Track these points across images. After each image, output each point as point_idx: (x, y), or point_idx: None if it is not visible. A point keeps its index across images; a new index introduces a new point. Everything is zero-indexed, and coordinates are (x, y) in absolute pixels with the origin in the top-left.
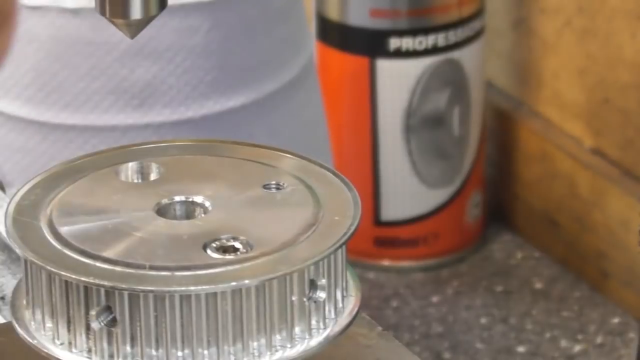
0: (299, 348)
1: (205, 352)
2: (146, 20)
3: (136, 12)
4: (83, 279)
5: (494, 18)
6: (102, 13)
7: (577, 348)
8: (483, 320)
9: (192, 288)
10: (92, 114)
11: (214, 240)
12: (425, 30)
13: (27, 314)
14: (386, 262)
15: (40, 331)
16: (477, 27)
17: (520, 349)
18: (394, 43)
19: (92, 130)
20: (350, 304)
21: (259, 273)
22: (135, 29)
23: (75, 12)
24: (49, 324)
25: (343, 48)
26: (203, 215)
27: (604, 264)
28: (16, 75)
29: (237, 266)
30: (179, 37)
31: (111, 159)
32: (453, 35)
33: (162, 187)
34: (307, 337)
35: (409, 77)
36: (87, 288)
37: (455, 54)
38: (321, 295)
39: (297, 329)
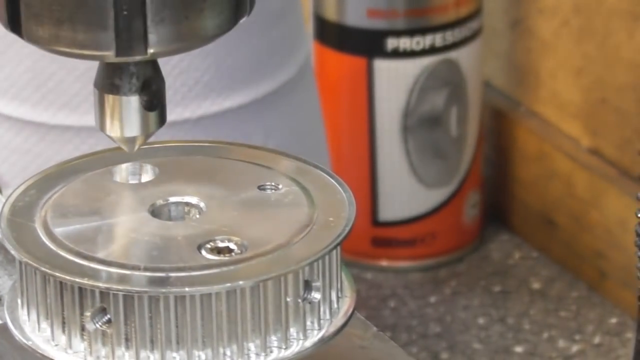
0: (294, 349)
1: (200, 353)
2: (145, 137)
3: (135, 130)
4: (78, 280)
5: (492, 18)
6: (102, 129)
7: (575, 348)
8: (481, 320)
9: (187, 289)
10: (89, 115)
11: (209, 241)
12: (423, 31)
13: (22, 315)
14: (384, 262)
15: (35, 332)
16: (475, 27)
17: (518, 349)
18: (391, 43)
19: (89, 131)
20: (345, 305)
21: (253, 274)
22: (133, 145)
23: None
24: (43, 325)
25: (340, 48)
26: (198, 216)
27: (601, 264)
28: (13, 75)
29: (231, 267)
30: None
31: (106, 160)
32: (450, 36)
33: (157, 188)
34: (302, 338)
35: (407, 77)
36: (81, 289)
37: (453, 54)
38: (316, 296)
39: (292, 330)
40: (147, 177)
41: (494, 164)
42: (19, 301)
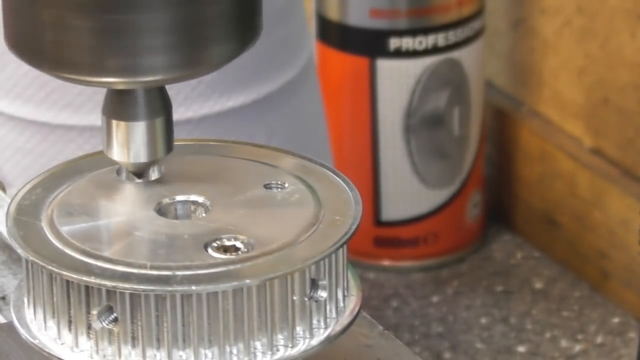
0: (300, 347)
1: (207, 351)
2: (152, 162)
3: (142, 156)
4: (84, 278)
5: (494, 18)
6: (109, 155)
7: (577, 348)
8: (483, 320)
9: (194, 287)
10: (93, 114)
11: (215, 240)
12: (425, 30)
13: (29, 314)
14: (386, 262)
15: (41, 331)
16: (477, 27)
17: (521, 348)
18: (393, 43)
19: (92, 130)
20: (352, 304)
21: (260, 272)
22: (140, 170)
23: None
24: (50, 324)
25: (343, 48)
26: (204, 214)
27: (604, 264)
28: (16, 75)
29: (238, 266)
30: None
31: (112, 159)
32: (453, 35)
33: (163, 187)
34: (308, 336)
35: (409, 77)
36: (88, 288)
37: (455, 54)
38: (322, 294)
39: (298, 329)
40: (153, 175)
41: (496, 163)
42: (25, 300)
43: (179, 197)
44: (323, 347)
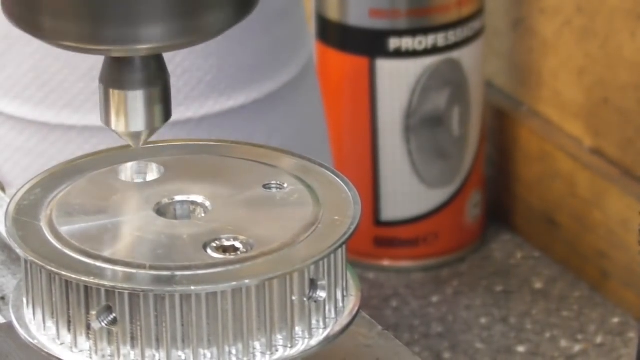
0: (300, 348)
1: (206, 351)
2: (150, 131)
3: (140, 125)
4: (83, 278)
5: (494, 18)
6: (107, 124)
7: (577, 348)
8: (483, 320)
9: (193, 288)
10: (92, 114)
11: (214, 240)
12: (425, 30)
13: (28, 314)
14: (386, 262)
15: (40, 331)
16: (477, 27)
17: (520, 348)
18: (393, 43)
19: (92, 130)
20: (351, 304)
21: (259, 273)
22: (138, 139)
23: None
24: (49, 324)
25: (343, 48)
26: (203, 215)
27: (603, 264)
28: (16, 75)
29: (237, 266)
30: None
31: (111, 159)
32: (453, 35)
33: (162, 187)
34: (307, 336)
35: (409, 77)
36: (87, 288)
37: (455, 54)
38: (321, 294)
39: (297, 329)
40: (152, 175)
41: (495, 163)
42: (25, 300)
43: (178, 197)
44: (322, 347)
